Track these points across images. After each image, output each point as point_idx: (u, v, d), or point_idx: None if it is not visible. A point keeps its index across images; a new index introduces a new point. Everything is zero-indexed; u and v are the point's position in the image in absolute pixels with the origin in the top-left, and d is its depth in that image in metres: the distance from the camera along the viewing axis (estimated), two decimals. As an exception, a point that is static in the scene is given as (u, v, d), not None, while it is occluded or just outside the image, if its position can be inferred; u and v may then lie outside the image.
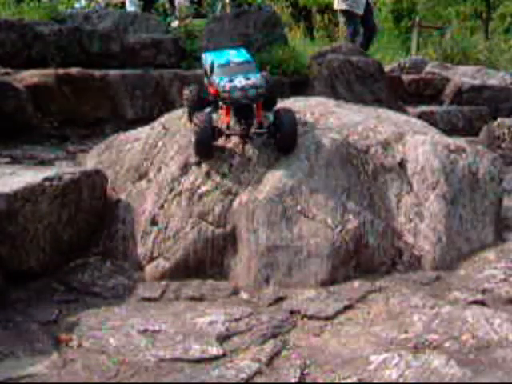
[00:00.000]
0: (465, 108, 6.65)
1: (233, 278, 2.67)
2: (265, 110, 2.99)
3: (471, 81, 7.27)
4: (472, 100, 6.87)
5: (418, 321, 2.23)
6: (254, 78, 2.83)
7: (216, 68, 2.91)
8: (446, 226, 2.85)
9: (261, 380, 1.90)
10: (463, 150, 3.17)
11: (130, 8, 8.15)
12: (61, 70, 4.47)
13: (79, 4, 8.53)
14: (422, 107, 6.45)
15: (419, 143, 3.10)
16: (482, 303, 2.39)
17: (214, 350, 2.08)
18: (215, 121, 2.94)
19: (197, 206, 2.79)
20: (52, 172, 2.72)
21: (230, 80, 2.81)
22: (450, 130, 5.51)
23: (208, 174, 2.87)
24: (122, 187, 3.07)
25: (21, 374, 1.92)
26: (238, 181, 2.85)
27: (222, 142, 2.93)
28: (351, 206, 2.79)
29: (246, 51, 3.10)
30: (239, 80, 2.81)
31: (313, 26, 13.99)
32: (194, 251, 2.71)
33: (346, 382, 1.87)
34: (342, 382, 1.88)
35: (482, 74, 7.68)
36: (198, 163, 2.92)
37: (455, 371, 1.88)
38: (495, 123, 5.29)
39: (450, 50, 9.28)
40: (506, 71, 8.24)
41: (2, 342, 2.09)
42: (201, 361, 2.02)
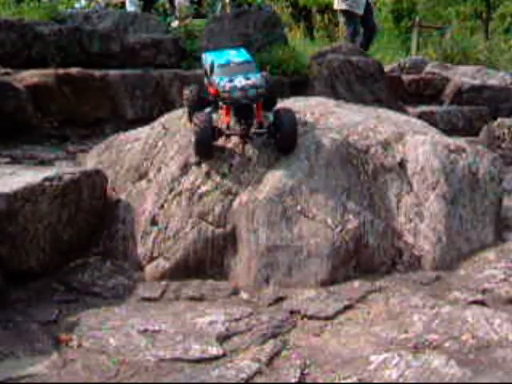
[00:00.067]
0: (465, 108, 6.65)
1: (233, 278, 2.67)
2: (265, 109, 2.98)
3: (471, 81, 7.27)
4: (472, 100, 6.87)
5: (417, 321, 2.23)
6: (254, 78, 2.83)
7: (216, 68, 2.91)
8: (446, 226, 2.85)
9: (261, 380, 1.90)
10: (463, 150, 3.17)
11: (130, 8, 8.15)
12: (61, 70, 4.47)
13: (79, 4, 8.53)
14: (422, 107, 6.45)
15: (419, 143, 3.10)
16: (482, 303, 2.39)
17: (214, 349, 2.08)
18: (215, 121, 2.94)
19: (197, 206, 2.79)
20: (52, 172, 2.72)
21: (230, 80, 2.81)
22: (450, 129, 5.51)
23: (208, 174, 2.87)
24: (122, 187, 3.07)
25: (21, 374, 1.92)
26: (238, 181, 2.85)
27: (221, 142, 2.93)
28: (351, 205, 2.79)
29: (246, 51, 3.10)
30: (239, 80, 2.81)
31: (313, 26, 13.99)
32: (194, 251, 2.71)
33: (346, 381, 1.87)
34: (342, 381, 1.88)
35: (482, 74, 7.68)
36: (198, 163, 2.92)
37: (455, 371, 1.88)
38: (495, 123, 5.29)
39: (449, 50, 9.28)
40: (506, 71, 8.24)
41: (2, 342, 2.09)
42: (201, 361, 2.02)
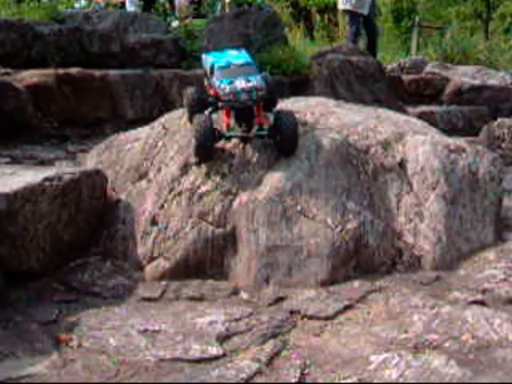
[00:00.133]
0: (465, 108, 6.65)
1: (233, 278, 2.66)
2: (265, 110, 2.98)
3: (471, 81, 7.27)
4: (472, 100, 6.87)
5: (417, 321, 2.23)
6: (255, 80, 2.82)
7: (216, 70, 2.91)
8: (446, 226, 2.85)
9: (261, 380, 1.90)
10: (463, 150, 3.17)
11: (130, 8, 8.17)
12: (61, 70, 4.47)
13: (79, 4, 8.53)
14: (422, 107, 6.45)
15: (419, 143, 3.10)
16: (482, 303, 2.39)
17: (214, 349, 2.08)
18: (215, 121, 2.94)
19: (197, 206, 2.79)
20: (52, 172, 2.72)
21: (231, 82, 2.80)
22: (450, 129, 5.51)
23: (208, 174, 2.87)
24: (122, 187, 3.07)
25: (21, 374, 1.92)
26: (238, 181, 2.85)
27: (222, 143, 2.93)
28: (351, 205, 2.79)
29: (246, 52, 3.09)
30: (239, 82, 2.80)
31: (313, 26, 13.98)
32: (194, 251, 2.71)
33: (346, 381, 1.87)
34: (342, 381, 1.88)
35: (482, 74, 7.68)
36: (198, 163, 2.92)
37: (455, 371, 1.88)
38: (495, 123, 5.29)
39: (450, 50, 9.27)
40: (506, 71, 8.24)
41: (2, 342, 2.09)
42: (201, 361, 2.02)
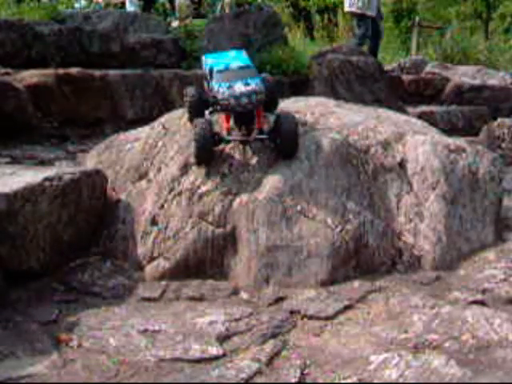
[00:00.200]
0: (465, 108, 6.65)
1: (233, 278, 2.66)
2: (266, 111, 2.98)
3: (471, 81, 7.27)
4: (472, 100, 6.88)
5: (417, 321, 2.23)
6: (254, 84, 2.80)
7: (215, 73, 2.89)
8: (446, 226, 2.85)
9: (261, 380, 1.90)
10: (463, 150, 3.17)
11: (130, 8, 8.17)
12: (61, 70, 4.47)
13: (79, 4, 8.54)
14: (422, 107, 6.46)
15: (419, 143, 3.10)
16: (482, 303, 2.39)
17: (214, 349, 2.08)
18: (215, 122, 2.93)
19: (197, 206, 2.79)
20: (52, 172, 2.71)
21: (229, 86, 2.79)
22: (450, 129, 5.51)
23: (208, 174, 2.87)
24: (122, 187, 3.07)
25: (21, 374, 1.92)
26: (238, 181, 2.84)
27: (222, 146, 2.93)
28: (351, 205, 2.79)
29: (245, 54, 3.08)
30: (238, 86, 2.78)
31: (313, 26, 13.98)
32: (194, 251, 2.71)
33: (346, 381, 1.87)
34: (342, 381, 1.88)
35: (482, 74, 7.68)
36: (198, 164, 2.91)
37: (455, 371, 1.88)
38: (495, 123, 5.29)
39: (450, 50, 9.28)
40: (506, 71, 8.25)
41: (2, 342, 2.09)
42: (201, 361, 2.02)
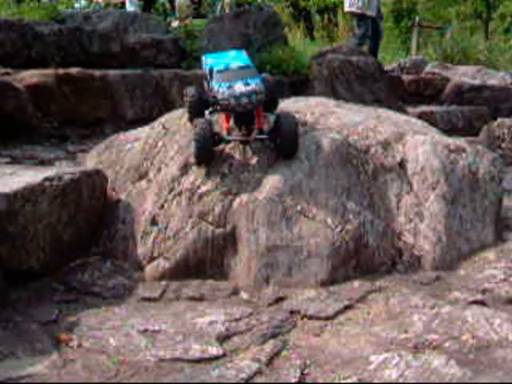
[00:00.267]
0: (465, 108, 6.65)
1: (233, 278, 2.66)
2: (266, 111, 2.98)
3: (471, 81, 7.27)
4: (472, 100, 6.88)
5: (417, 321, 2.23)
6: (254, 84, 2.80)
7: (215, 73, 2.89)
8: (446, 226, 2.85)
9: (261, 380, 1.90)
10: (463, 150, 3.17)
11: (130, 8, 8.17)
12: (61, 70, 4.47)
13: (79, 4, 8.54)
14: (422, 107, 6.46)
15: (419, 143, 3.10)
16: (482, 303, 2.39)
17: (214, 349, 2.08)
18: (215, 122, 2.93)
19: (197, 206, 2.79)
20: (52, 172, 2.71)
21: (229, 87, 2.79)
22: (450, 129, 5.51)
23: (208, 174, 2.87)
24: (122, 187, 3.07)
25: (21, 374, 1.92)
26: (238, 181, 2.84)
27: (221, 146, 2.92)
28: (351, 205, 2.79)
29: (245, 54, 3.08)
30: (238, 86, 2.78)
31: (313, 26, 13.99)
32: (194, 251, 2.71)
33: (346, 381, 1.87)
34: (342, 381, 1.88)
35: (482, 74, 7.68)
36: (198, 164, 2.91)
37: (455, 371, 1.88)
38: (495, 123, 5.29)
39: (450, 50, 9.28)
40: (506, 71, 8.25)
41: (2, 342, 2.08)
42: (201, 361, 2.02)
